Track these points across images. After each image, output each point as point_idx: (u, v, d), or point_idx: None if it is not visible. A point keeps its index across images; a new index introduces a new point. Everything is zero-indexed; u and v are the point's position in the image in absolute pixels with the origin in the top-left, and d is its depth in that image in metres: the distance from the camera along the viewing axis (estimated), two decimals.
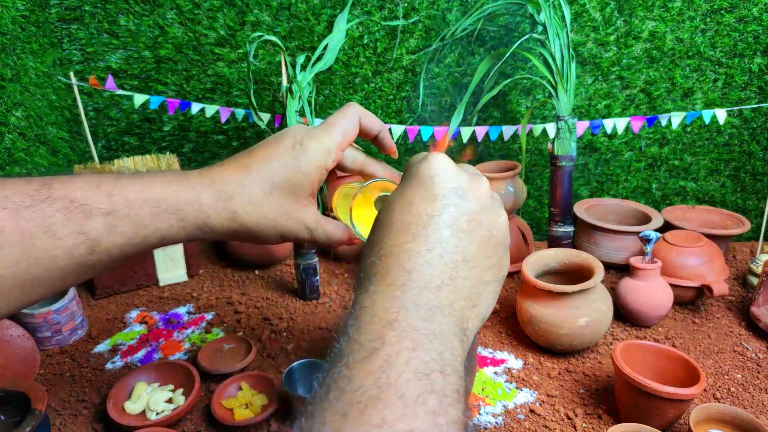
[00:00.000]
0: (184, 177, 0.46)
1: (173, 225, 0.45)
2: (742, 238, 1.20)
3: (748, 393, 0.76)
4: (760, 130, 1.15)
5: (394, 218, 0.38)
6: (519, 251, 1.10)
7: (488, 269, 0.39)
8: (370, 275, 0.36)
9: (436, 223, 0.37)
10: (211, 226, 0.46)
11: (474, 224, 0.38)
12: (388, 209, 0.39)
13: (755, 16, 1.07)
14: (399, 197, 0.39)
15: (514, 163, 1.10)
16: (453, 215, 0.38)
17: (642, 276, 0.89)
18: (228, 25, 1.14)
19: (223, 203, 0.46)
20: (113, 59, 1.16)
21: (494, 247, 0.40)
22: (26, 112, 0.98)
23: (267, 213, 0.47)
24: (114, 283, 1.06)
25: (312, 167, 0.47)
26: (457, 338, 0.34)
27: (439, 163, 0.39)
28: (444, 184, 0.38)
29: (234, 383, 0.78)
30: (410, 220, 0.37)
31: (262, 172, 0.47)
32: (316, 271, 1.02)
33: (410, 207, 0.38)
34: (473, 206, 0.39)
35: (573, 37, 1.12)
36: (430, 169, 0.39)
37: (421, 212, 0.37)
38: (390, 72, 1.18)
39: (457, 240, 0.37)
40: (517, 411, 0.74)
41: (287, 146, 0.47)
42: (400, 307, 0.33)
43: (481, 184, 0.40)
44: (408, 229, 0.37)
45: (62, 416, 0.75)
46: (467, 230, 0.38)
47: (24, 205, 0.40)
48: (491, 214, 0.40)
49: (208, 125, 1.23)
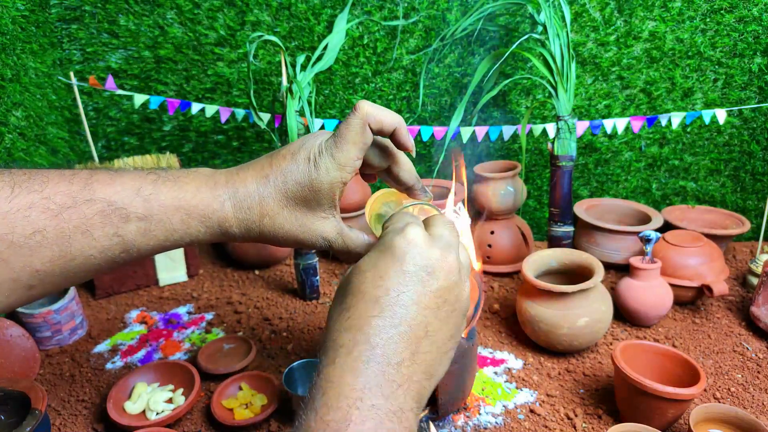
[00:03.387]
0: (213, 183, 0.48)
1: (200, 230, 0.47)
2: (742, 238, 1.20)
3: (748, 393, 0.76)
4: (760, 130, 1.15)
5: (364, 288, 0.40)
6: (519, 251, 1.10)
7: (448, 340, 0.42)
8: (337, 345, 0.38)
9: (404, 300, 0.39)
10: (233, 233, 0.48)
11: (440, 300, 0.41)
12: (360, 276, 0.41)
13: (755, 16, 1.07)
14: (372, 267, 0.41)
15: (514, 163, 1.10)
16: (420, 292, 0.40)
17: (642, 276, 0.89)
18: (228, 25, 1.14)
19: (242, 214, 0.47)
20: (113, 59, 1.16)
21: (455, 319, 0.43)
22: (26, 112, 0.98)
23: (283, 224, 0.48)
24: (114, 283, 1.06)
25: (326, 186, 0.47)
26: (413, 412, 0.37)
27: (414, 238, 0.41)
28: (415, 260, 0.40)
29: (234, 383, 0.78)
30: (379, 294, 0.39)
31: (279, 185, 0.47)
32: (315, 271, 1.02)
33: (381, 281, 0.39)
34: (441, 283, 0.41)
35: (573, 37, 1.12)
36: (405, 245, 0.40)
37: (391, 288, 0.39)
38: (390, 72, 1.18)
39: (422, 317, 0.39)
40: (517, 411, 0.74)
41: (302, 160, 0.47)
42: (364, 386, 0.35)
43: (449, 260, 0.42)
44: (377, 303, 0.39)
45: (62, 416, 0.75)
46: (433, 307, 0.40)
47: (65, 206, 0.42)
48: (456, 289, 0.42)
49: (208, 125, 1.23)
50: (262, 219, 0.48)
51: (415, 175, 0.52)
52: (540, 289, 0.82)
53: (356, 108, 0.46)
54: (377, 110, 0.47)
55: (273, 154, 0.49)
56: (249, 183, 0.48)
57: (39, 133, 1.03)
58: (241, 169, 0.49)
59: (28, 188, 0.41)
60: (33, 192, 0.41)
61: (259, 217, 0.47)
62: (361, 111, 0.46)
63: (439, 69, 1.17)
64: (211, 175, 0.48)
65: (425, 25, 1.14)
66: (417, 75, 1.17)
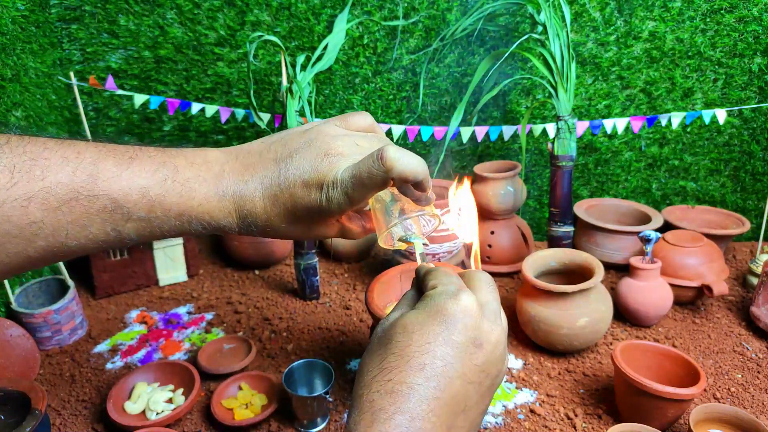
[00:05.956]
0: (222, 192, 0.45)
1: (198, 231, 0.46)
2: (742, 238, 1.20)
3: (748, 393, 0.76)
4: (760, 130, 1.15)
5: (410, 351, 0.38)
6: (519, 251, 1.10)
7: (480, 415, 0.41)
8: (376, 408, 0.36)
9: (450, 372, 0.37)
10: (232, 232, 0.48)
11: (483, 375, 0.39)
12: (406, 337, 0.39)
13: (755, 16, 1.07)
14: (419, 329, 0.39)
15: (514, 163, 1.10)
16: (467, 365, 0.38)
17: (642, 276, 0.89)
18: (228, 25, 1.14)
19: (246, 225, 0.47)
20: (113, 59, 1.16)
21: (492, 394, 0.41)
22: (26, 112, 0.98)
23: (286, 234, 0.48)
24: (114, 283, 1.06)
25: (335, 214, 0.45)
26: None
27: (468, 307, 0.39)
28: (467, 331, 0.39)
29: (234, 383, 0.78)
30: (426, 362, 0.37)
31: (288, 208, 0.45)
32: (316, 271, 1.02)
33: (429, 347, 0.38)
34: (487, 357, 0.39)
35: (573, 37, 1.12)
36: (459, 313, 0.39)
37: (438, 356, 0.37)
38: (390, 72, 1.18)
39: (465, 391, 0.38)
40: (517, 411, 0.74)
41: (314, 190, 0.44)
42: None
43: (497, 332, 0.40)
44: (422, 370, 0.37)
45: (62, 416, 0.75)
46: (475, 381, 0.39)
47: (66, 200, 0.40)
48: (500, 364, 0.41)
49: (208, 125, 1.23)
50: (265, 230, 0.47)
51: None
52: (540, 289, 0.82)
53: (382, 157, 0.41)
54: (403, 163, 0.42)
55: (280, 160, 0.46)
56: (256, 199, 0.46)
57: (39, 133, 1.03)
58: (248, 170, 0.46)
59: (28, 176, 0.39)
60: (33, 180, 0.39)
61: (263, 228, 0.47)
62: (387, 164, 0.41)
63: (439, 69, 1.17)
64: (219, 179, 0.46)
65: (425, 25, 1.14)
66: (417, 75, 1.17)
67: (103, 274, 1.04)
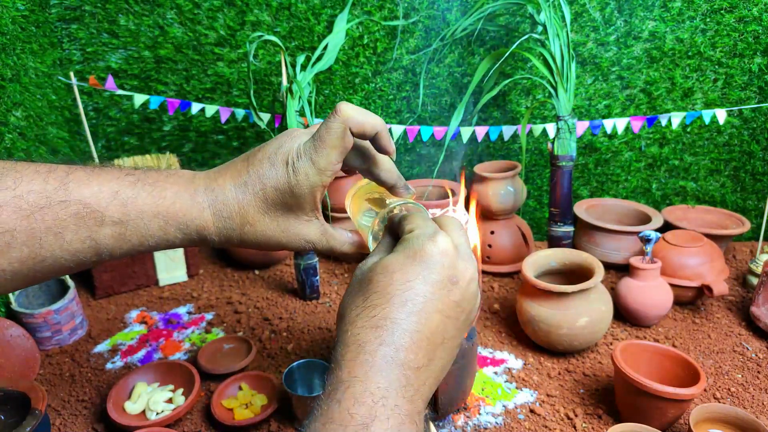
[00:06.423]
0: (193, 190, 0.46)
1: (177, 237, 0.46)
2: (742, 238, 1.20)
3: (748, 393, 0.76)
4: (760, 130, 1.15)
5: (392, 289, 0.40)
6: (519, 251, 1.10)
7: (456, 347, 0.43)
8: (361, 341, 0.38)
9: (429, 307, 0.40)
10: (212, 241, 0.47)
11: (458, 310, 0.41)
12: (388, 277, 0.40)
13: (755, 16, 1.07)
14: (400, 269, 0.40)
15: (514, 163, 1.10)
16: (445, 301, 0.40)
17: (642, 276, 0.89)
18: (228, 25, 1.14)
19: (222, 222, 0.46)
20: (113, 59, 1.16)
21: (466, 327, 0.44)
22: (26, 112, 0.98)
23: (264, 231, 0.48)
24: (114, 283, 1.06)
25: (306, 191, 0.46)
26: (421, 415, 0.39)
27: (446, 247, 0.41)
28: (444, 270, 0.41)
29: (234, 383, 0.78)
30: (407, 298, 0.39)
31: (257, 192, 0.46)
32: (316, 271, 1.02)
33: (409, 284, 0.40)
34: (462, 294, 0.42)
35: (573, 37, 1.12)
36: (436, 253, 0.41)
37: (419, 293, 0.39)
38: (390, 72, 1.18)
39: (443, 325, 0.40)
40: (517, 411, 0.74)
41: (280, 165, 0.46)
42: (388, 386, 0.36)
43: (470, 270, 0.42)
44: (404, 306, 0.39)
45: (62, 416, 0.75)
46: (453, 316, 0.41)
47: (38, 206, 0.40)
48: (474, 299, 0.43)
49: (208, 125, 1.23)
50: (242, 227, 0.47)
51: (396, 173, 0.51)
52: (540, 289, 0.82)
53: (336, 110, 0.44)
54: (358, 113, 0.45)
55: (250, 156, 0.47)
56: (227, 190, 0.46)
57: (39, 133, 1.03)
58: (219, 173, 0.47)
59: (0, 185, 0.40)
60: (5, 189, 0.40)
61: (240, 225, 0.47)
62: (341, 114, 0.44)
63: (439, 69, 1.17)
64: (191, 180, 0.47)
65: (425, 25, 1.14)
66: (417, 75, 1.17)
67: (103, 274, 1.04)
